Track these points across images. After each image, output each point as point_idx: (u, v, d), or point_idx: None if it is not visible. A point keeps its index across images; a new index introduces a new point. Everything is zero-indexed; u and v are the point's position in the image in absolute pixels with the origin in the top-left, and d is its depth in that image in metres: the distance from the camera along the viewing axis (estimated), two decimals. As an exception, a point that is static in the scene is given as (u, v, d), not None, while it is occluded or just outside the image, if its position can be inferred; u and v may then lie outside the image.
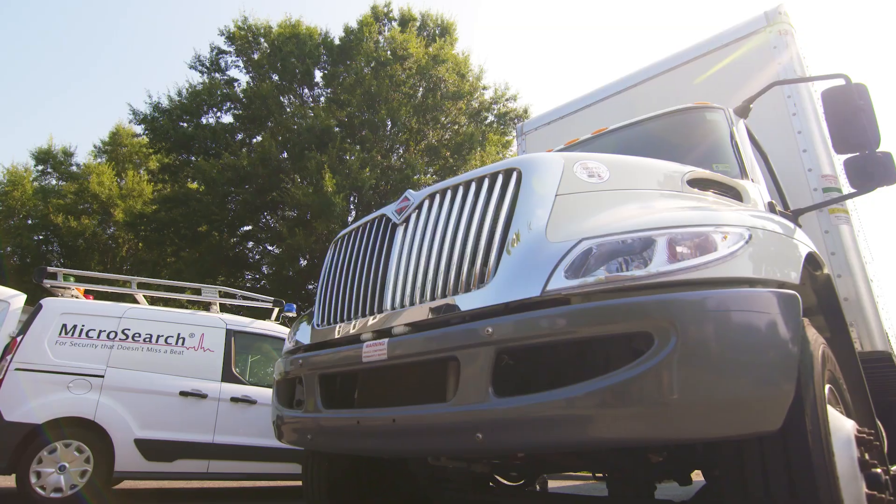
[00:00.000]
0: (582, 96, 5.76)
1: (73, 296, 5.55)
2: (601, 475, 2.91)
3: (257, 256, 18.16)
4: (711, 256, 1.59)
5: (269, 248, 17.44)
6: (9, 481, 5.63)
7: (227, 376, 5.47)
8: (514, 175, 1.97)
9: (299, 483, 5.66)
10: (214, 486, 7.04)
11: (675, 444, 1.87)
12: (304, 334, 2.52)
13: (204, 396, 5.28)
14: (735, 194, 2.57)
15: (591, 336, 1.56)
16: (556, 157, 2.04)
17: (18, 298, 5.56)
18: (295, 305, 6.60)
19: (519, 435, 1.60)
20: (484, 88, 18.46)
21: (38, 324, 5.05)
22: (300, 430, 2.30)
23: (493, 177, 2.01)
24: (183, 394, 5.21)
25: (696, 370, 1.44)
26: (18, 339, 5.00)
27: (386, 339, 1.97)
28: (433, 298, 1.94)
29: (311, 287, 16.67)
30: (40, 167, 22.87)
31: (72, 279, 5.70)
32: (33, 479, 4.62)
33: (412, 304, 2.00)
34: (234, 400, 5.37)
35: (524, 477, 2.59)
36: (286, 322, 6.60)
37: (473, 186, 2.04)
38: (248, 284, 17.15)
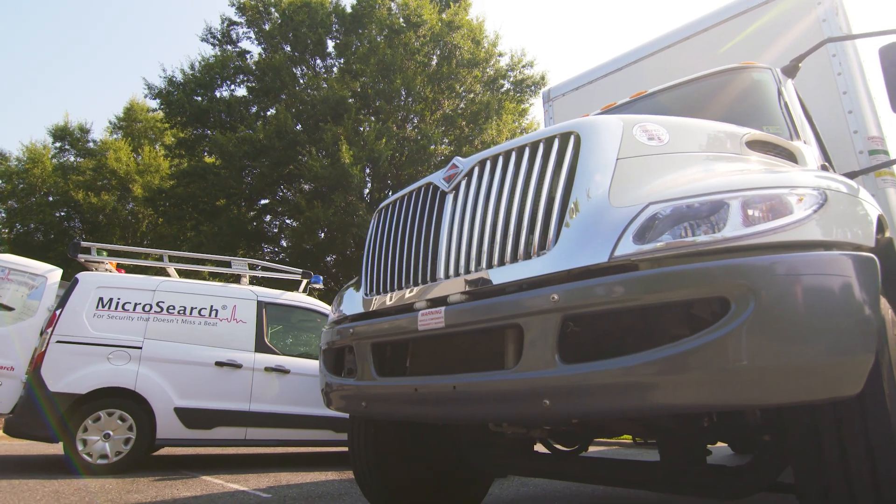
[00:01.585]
0: (611, 59, 5.60)
1: (106, 269, 5.65)
2: (642, 440, 2.93)
3: (275, 230, 18.27)
4: (787, 219, 1.54)
5: (288, 221, 17.53)
6: (57, 448, 5.85)
7: (260, 347, 5.56)
8: (572, 139, 1.92)
9: (331, 449, 5.77)
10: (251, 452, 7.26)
11: (751, 408, 1.86)
12: (353, 304, 2.53)
13: (239, 366, 5.39)
14: (790, 157, 2.48)
15: (663, 302, 1.53)
16: (614, 120, 1.98)
17: (55, 273, 5.66)
18: (321, 277, 6.65)
19: (587, 401, 1.59)
20: (500, 55, 18.06)
21: (75, 297, 5.16)
22: (353, 397, 2.33)
23: (549, 141, 1.96)
24: (218, 364, 5.33)
25: (776, 335, 1.41)
26: (57, 312, 5.11)
27: (442, 308, 1.96)
28: (489, 266, 1.91)
29: (329, 259, 16.80)
30: (58, 144, 23.07)
31: (104, 253, 5.78)
32: (80, 447, 4.79)
33: (467, 272, 1.98)
34: (268, 369, 5.48)
35: (578, 442, 2.62)
36: (313, 293, 6.67)
37: (527, 152, 1.99)
38: (267, 258, 17.30)
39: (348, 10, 17.41)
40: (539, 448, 3.14)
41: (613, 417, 2.02)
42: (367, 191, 16.49)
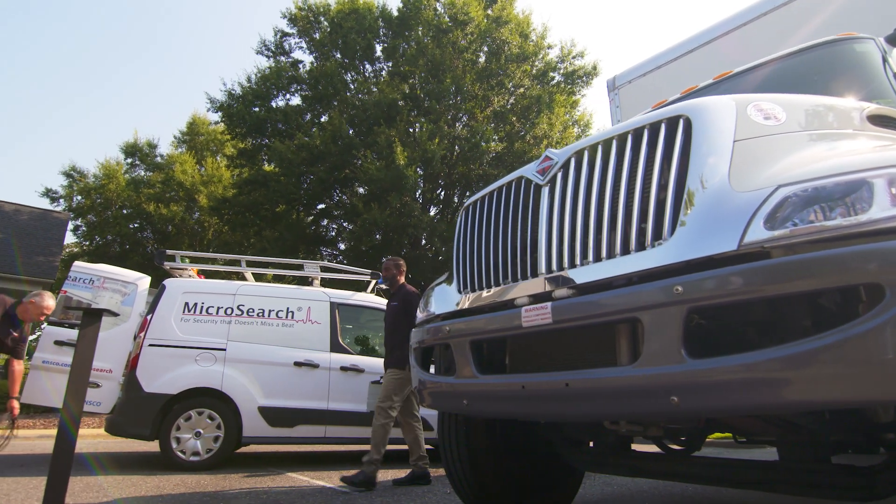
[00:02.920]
0: (681, 42, 5.37)
1: (189, 276, 5.94)
2: (744, 439, 2.78)
3: (332, 233, 18.73)
4: (943, 197, 1.40)
5: (344, 224, 17.92)
6: (150, 446, 6.21)
7: (335, 347, 5.71)
8: (681, 123, 1.83)
9: (405, 447, 5.83)
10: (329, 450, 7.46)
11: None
12: (446, 302, 2.53)
13: (316, 366, 5.55)
14: (911, 130, 2.29)
15: (802, 291, 1.43)
16: (726, 101, 1.88)
17: (144, 280, 6.01)
18: (387, 277, 6.72)
19: (718, 398, 1.51)
20: (549, 47, 17.78)
21: (163, 303, 5.45)
22: (452, 395, 2.32)
23: (655, 127, 1.88)
24: (297, 364, 5.50)
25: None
26: (148, 317, 5.42)
27: (548, 303, 1.92)
28: (597, 259, 1.86)
29: (385, 260, 17.05)
30: (129, 160, 24.53)
31: (187, 260, 6.09)
32: (174, 445, 5.06)
33: (571, 266, 1.93)
34: (344, 369, 5.61)
35: (692, 441, 2.52)
36: (381, 293, 6.77)
37: (630, 139, 1.92)
38: (326, 260, 17.76)
39: (394, 13, 17.61)
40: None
41: (744, 414, 1.92)
42: (418, 192, 16.62)
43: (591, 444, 2.86)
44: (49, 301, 4.45)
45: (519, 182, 2.29)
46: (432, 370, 2.68)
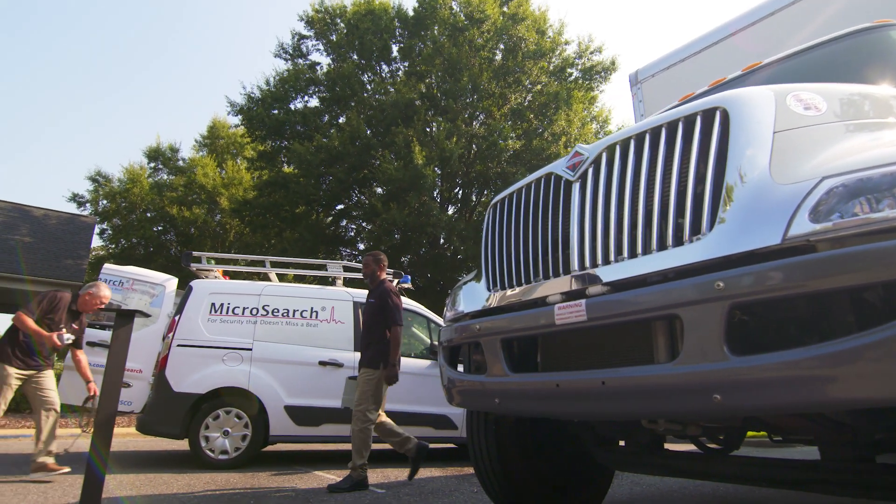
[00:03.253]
0: (704, 34, 5.27)
1: (214, 277, 6.03)
2: (780, 438, 2.72)
3: (351, 233, 18.86)
4: None
5: (363, 224, 18.02)
6: (178, 444, 6.32)
7: (359, 346, 5.72)
8: (718, 115, 1.79)
9: (433, 446, 5.83)
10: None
11: None
12: (475, 300, 2.52)
13: (340, 365, 5.59)
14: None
15: (849, 286, 1.39)
16: (764, 91, 1.83)
17: (172, 282, 6.12)
18: (409, 277, 6.75)
19: (763, 396, 1.48)
20: (566, 43, 17.61)
21: (190, 304, 5.54)
22: (484, 394, 2.31)
23: (690, 120, 1.85)
24: (322, 363, 5.54)
25: None
26: (176, 318, 5.51)
27: (582, 301, 1.90)
28: (632, 256, 1.83)
29: (403, 260, 17.09)
30: (152, 164, 25.01)
31: (213, 262, 6.17)
32: (203, 443, 5.14)
33: (606, 262, 1.90)
34: (367, 368, 5.63)
35: (731, 439, 2.47)
36: (402, 292, 6.78)
37: (664, 132, 1.89)
38: (345, 260, 17.89)
39: (410, 13, 17.63)
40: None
41: (789, 413, 1.87)
42: (436, 191, 16.63)
43: (623, 443, 2.82)
44: (105, 291, 4.65)
45: (549, 178, 2.27)
46: (460, 369, 2.67)
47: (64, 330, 4.45)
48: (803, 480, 2.06)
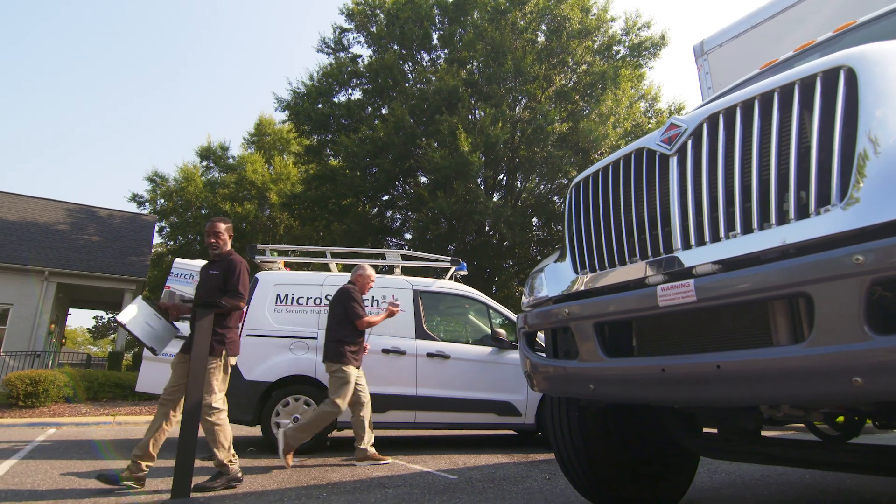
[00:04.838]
0: (777, -3, 4.93)
1: (278, 268, 6.17)
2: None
3: (397, 223, 19.00)
4: None
5: (410, 213, 18.11)
6: (249, 431, 6.54)
7: (420, 333, 5.76)
8: (843, 75, 1.64)
9: (495, 432, 5.78)
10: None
11: None
12: (560, 283, 2.44)
13: (403, 353, 5.63)
14: None
15: None
16: (894, 46, 1.67)
17: (238, 274, 6.28)
18: (465, 264, 6.71)
19: (912, 377, 1.35)
20: (612, 20, 17.01)
21: (257, 295, 5.69)
22: (577, 380, 2.25)
23: (808, 83, 1.70)
24: (385, 351, 5.60)
25: None
26: (245, 309, 5.67)
27: (690, 281, 1.79)
28: (746, 231, 1.71)
29: (450, 248, 17.09)
30: (205, 163, 25.93)
31: (275, 254, 6.32)
32: (275, 430, 5.29)
33: (715, 239, 1.79)
34: (430, 355, 5.65)
35: (850, 426, 2.33)
36: (458, 280, 6.76)
37: (777, 98, 1.75)
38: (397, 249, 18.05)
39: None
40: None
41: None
42: (479, 179, 16.48)
43: (717, 430, 2.70)
44: (370, 271, 5.09)
45: (640, 153, 2.16)
46: (542, 355, 2.61)
47: None
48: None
